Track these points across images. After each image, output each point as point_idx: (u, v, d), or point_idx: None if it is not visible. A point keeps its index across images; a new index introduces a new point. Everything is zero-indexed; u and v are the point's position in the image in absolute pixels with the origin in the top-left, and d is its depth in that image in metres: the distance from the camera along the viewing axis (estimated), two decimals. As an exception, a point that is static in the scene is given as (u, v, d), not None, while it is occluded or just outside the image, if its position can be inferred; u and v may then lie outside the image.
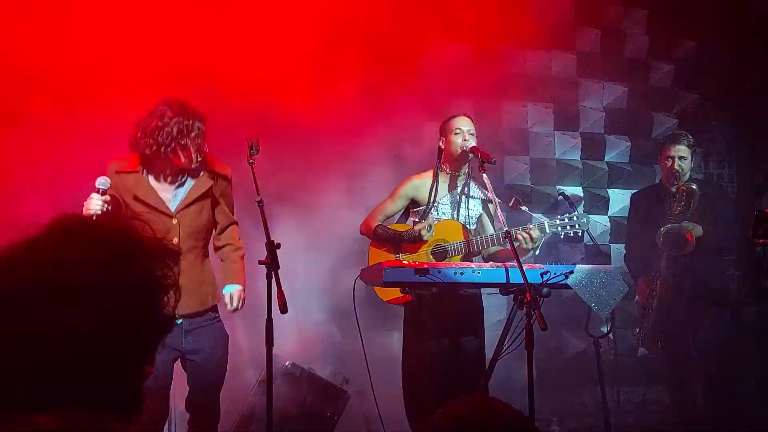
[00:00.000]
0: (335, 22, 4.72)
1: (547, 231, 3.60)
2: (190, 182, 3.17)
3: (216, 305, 3.27)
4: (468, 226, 3.81)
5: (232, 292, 3.25)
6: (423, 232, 3.67)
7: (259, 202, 3.10)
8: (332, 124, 4.77)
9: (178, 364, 3.20)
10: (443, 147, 3.87)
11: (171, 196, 3.15)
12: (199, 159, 3.09)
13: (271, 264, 2.91)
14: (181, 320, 3.09)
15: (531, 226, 3.56)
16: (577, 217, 3.63)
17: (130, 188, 3.09)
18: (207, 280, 3.24)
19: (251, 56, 4.44)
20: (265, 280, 2.95)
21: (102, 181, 2.93)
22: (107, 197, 2.93)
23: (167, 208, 3.11)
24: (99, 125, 4.11)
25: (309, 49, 4.59)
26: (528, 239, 3.50)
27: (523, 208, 3.77)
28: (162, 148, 2.99)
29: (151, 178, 3.14)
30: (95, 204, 2.89)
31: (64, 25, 4.12)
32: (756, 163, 6.14)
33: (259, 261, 3.00)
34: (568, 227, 3.60)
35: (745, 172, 6.18)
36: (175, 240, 3.07)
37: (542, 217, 4.34)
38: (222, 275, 3.31)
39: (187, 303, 3.04)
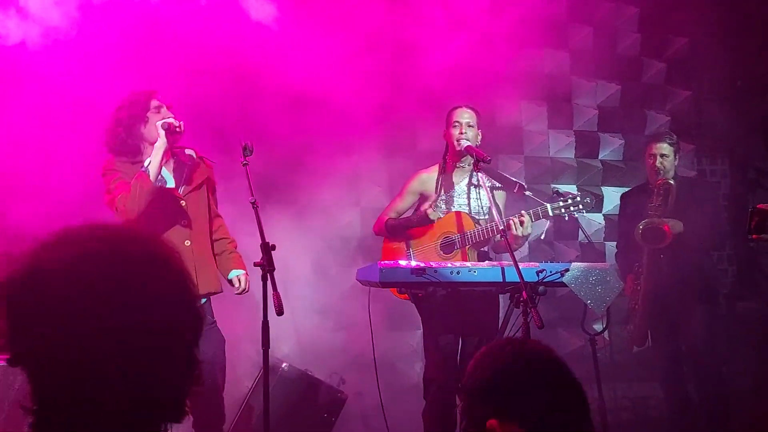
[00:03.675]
0: (329, 20, 4.71)
1: (551, 214, 3.57)
2: (186, 169, 3.29)
3: (212, 310, 3.29)
4: (480, 216, 3.82)
5: (239, 275, 3.39)
6: (429, 212, 3.67)
7: (253, 203, 3.10)
8: (327, 123, 4.77)
9: None
10: (445, 139, 3.87)
11: (174, 180, 3.27)
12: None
13: (267, 266, 2.90)
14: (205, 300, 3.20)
15: (523, 212, 3.55)
16: (580, 197, 3.58)
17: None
18: (213, 263, 3.34)
19: (241, 53, 4.43)
20: (261, 282, 2.94)
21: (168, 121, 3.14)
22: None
23: (176, 190, 3.24)
24: (84, 122, 4.08)
25: (302, 46, 4.57)
26: (518, 225, 3.47)
27: (528, 193, 3.76)
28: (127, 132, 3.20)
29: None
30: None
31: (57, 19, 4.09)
32: (748, 159, 6.16)
33: (254, 263, 2.99)
34: (572, 207, 3.56)
35: (737, 168, 6.21)
36: (184, 221, 3.20)
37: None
38: (223, 265, 3.42)
39: (206, 280, 3.19)
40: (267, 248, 2.94)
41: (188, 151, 3.30)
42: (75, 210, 3.99)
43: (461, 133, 3.72)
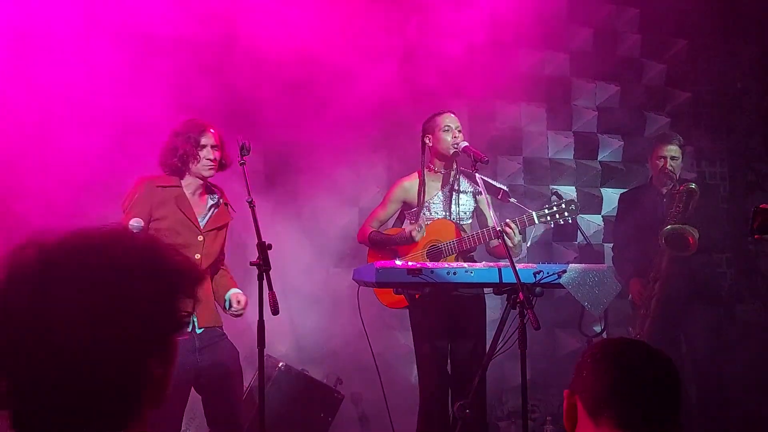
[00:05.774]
0: (326, 20, 4.70)
1: (536, 222, 3.55)
2: (214, 209, 3.35)
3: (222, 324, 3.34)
4: (462, 222, 3.79)
5: (238, 293, 3.34)
6: (414, 233, 3.66)
7: (250, 203, 3.10)
8: (324, 124, 4.76)
9: None
10: (431, 144, 3.84)
11: (201, 214, 3.29)
12: (211, 165, 3.24)
13: (263, 265, 2.90)
14: (198, 328, 3.17)
15: (508, 220, 3.52)
16: (566, 204, 3.55)
17: (170, 199, 3.20)
18: (213, 299, 3.33)
19: (239, 51, 4.42)
20: (257, 282, 2.94)
21: (135, 225, 3.03)
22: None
23: (198, 223, 3.25)
24: (91, 121, 4.08)
25: (299, 46, 4.57)
26: (506, 236, 3.44)
27: (512, 200, 3.72)
28: (181, 162, 3.20)
29: (188, 194, 3.27)
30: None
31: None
32: (748, 161, 6.15)
33: (250, 262, 2.99)
34: (557, 215, 3.54)
35: (736, 170, 6.19)
36: (197, 256, 3.19)
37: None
38: (220, 286, 3.40)
39: (204, 316, 3.18)
40: (263, 247, 2.94)
41: (221, 199, 3.40)
42: (75, 210, 3.99)
43: (455, 137, 3.75)
